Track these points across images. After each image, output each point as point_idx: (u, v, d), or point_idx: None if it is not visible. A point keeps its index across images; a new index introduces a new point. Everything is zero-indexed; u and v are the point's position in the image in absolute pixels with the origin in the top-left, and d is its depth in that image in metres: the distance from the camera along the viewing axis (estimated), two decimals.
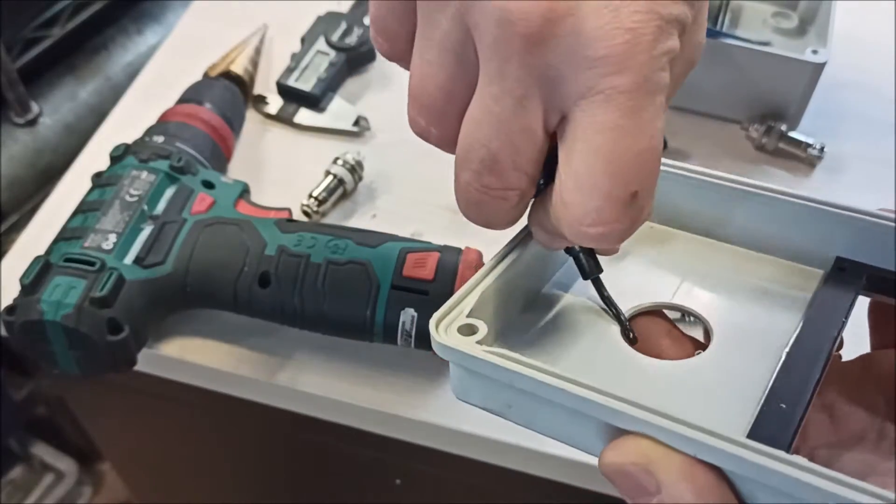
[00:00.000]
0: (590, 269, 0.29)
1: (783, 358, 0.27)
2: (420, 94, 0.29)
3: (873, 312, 0.30)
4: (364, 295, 0.43)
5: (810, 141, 0.58)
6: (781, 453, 0.21)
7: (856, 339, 0.30)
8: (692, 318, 0.31)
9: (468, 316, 0.27)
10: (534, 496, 0.52)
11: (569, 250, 0.30)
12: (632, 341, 0.29)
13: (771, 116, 0.59)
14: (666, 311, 0.31)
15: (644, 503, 0.22)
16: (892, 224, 0.29)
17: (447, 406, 0.47)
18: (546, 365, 0.24)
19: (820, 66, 0.56)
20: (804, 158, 0.58)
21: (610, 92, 0.22)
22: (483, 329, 0.26)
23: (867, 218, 0.29)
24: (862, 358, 0.30)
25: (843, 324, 0.28)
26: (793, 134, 0.58)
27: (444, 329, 0.26)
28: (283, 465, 0.65)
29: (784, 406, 0.25)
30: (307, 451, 0.60)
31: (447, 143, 0.29)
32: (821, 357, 0.26)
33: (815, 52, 0.56)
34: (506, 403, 0.26)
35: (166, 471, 0.75)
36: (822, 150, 0.58)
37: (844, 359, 0.30)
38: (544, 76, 0.23)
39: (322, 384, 0.48)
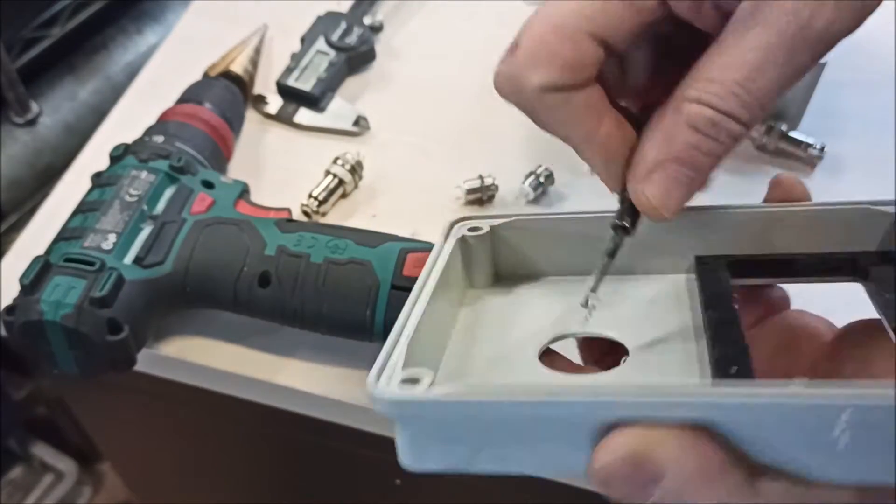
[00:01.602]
0: (629, 211, 0.29)
1: (707, 333, 0.27)
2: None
3: (742, 298, 0.31)
4: (364, 295, 0.43)
5: (810, 141, 0.58)
6: (783, 386, 0.20)
7: None
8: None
9: (405, 367, 0.25)
10: (534, 496, 0.52)
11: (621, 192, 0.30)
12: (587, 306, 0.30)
13: (771, 116, 0.59)
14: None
15: (649, 496, 0.21)
16: (730, 212, 0.30)
17: None
18: (509, 384, 0.23)
19: (820, 66, 0.56)
20: (804, 158, 0.58)
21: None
22: (428, 377, 0.24)
23: (707, 213, 0.30)
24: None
25: (735, 289, 0.29)
26: (793, 134, 0.58)
27: (384, 387, 0.24)
28: (282, 465, 0.65)
29: (737, 368, 0.24)
30: (307, 450, 0.60)
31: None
32: (735, 325, 0.26)
33: None
34: (473, 450, 0.23)
35: (166, 471, 0.75)
36: (822, 149, 0.58)
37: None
38: None
39: (322, 384, 0.48)
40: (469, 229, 0.34)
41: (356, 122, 0.61)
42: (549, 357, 0.30)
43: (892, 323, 0.26)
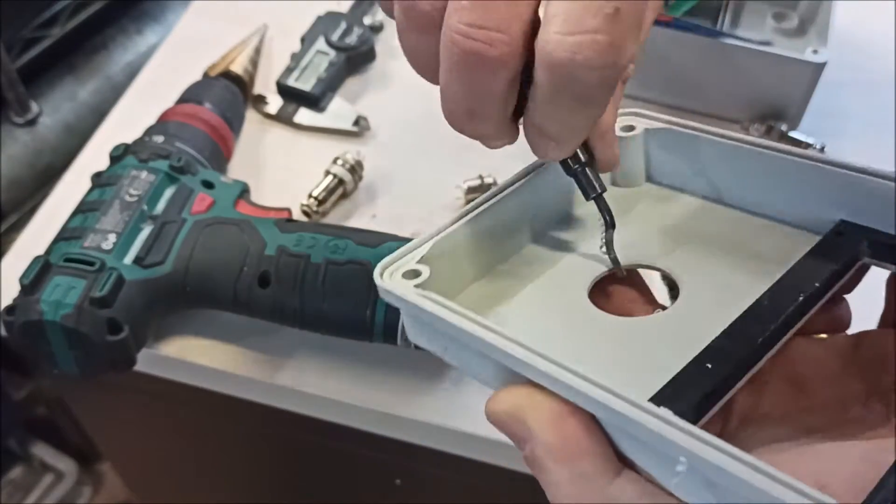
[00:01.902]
0: (592, 187, 0.29)
1: (733, 319, 0.26)
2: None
3: (891, 285, 0.28)
4: (364, 295, 0.43)
5: (810, 141, 0.58)
6: (642, 402, 0.21)
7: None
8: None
9: (418, 262, 0.27)
10: (534, 496, 0.52)
11: (568, 168, 0.29)
12: (621, 278, 0.30)
13: (771, 116, 0.59)
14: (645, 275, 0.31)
15: (522, 450, 0.23)
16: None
17: (447, 406, 0.47)
18: (454, 305, 0.25)
19: (820, 66, 0.56)
20: None
21: None
22: (425, 273, 0.27)
23: (873, 178, 0.27)
24: (857, 335, 0.28)
25: (817, 289, 0.26)
26: (793, 134, 0.58)
27: (390, 274, 0.27)
28: (282, 465, 0.65)
29: (710, 366, 0.24)
30: (307, 451, 0.60)
31: (513, 55, 0.24)
32: (775, 316, 0.25)
33: (815, 52, 0.56)
34: (442, 345, 0.27)
35: (166, 471, 0.75)
36: (822, 149, 0.58)
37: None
38: None
39: (322, 384, 0.48)
40: (623, 128, 0.33)
41: (356, 122, 0.61)
42: (606, 291, 0.30)
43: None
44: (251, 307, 0.45)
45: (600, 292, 0.30)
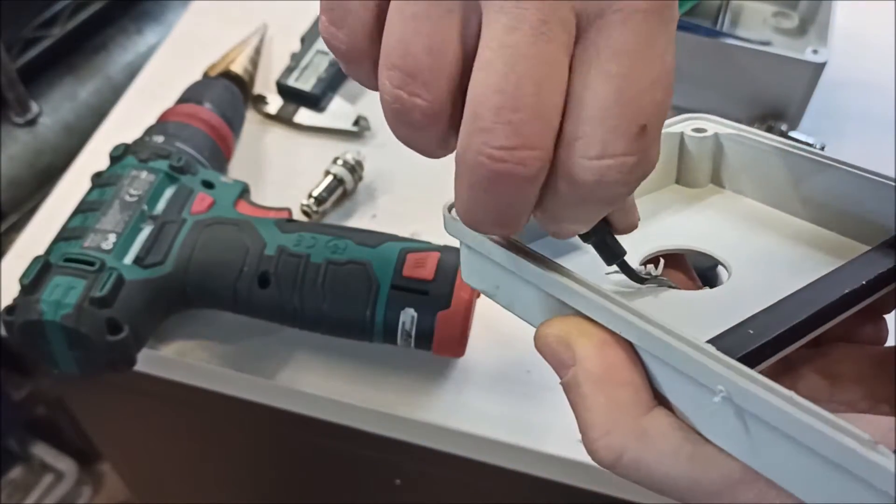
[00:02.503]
0: (613, 255, 0.28)
1: (778, 299, 0.26)
2: (403, 58, 0.23)
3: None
4: (364, 295, 0.43)
5: (811, 140, 0.58)
6: (683, 332, 0.21)
7: None
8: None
9: None
10: (534, 496, 0.52)
11: (586, 237, 0.28)
12: (669, 259, 0.31)
13: (771, 116, 0.59)
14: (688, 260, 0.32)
15: (563, 376, 0.24)
16: None
17: (447, 406, 0.47)
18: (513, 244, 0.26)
19: (820, 66, 0.56)
20: None
21: (628, 11, 0.20)
22: None
23: None
24: (894, 347, 0.29)
25: (863, 286, 0.27)
26: (793, 133, 0.58)
27: (453, 217, 0.29)
28: (282, 466, 0.65)
29: (751, 332, 0.24)
30: (307, 451, 0.60)
31: (437, 111, 0.24)
32: (816, 304, 0.26)
33: (815, 52, 0.56)
34: (494, 283, 0.28)
35: (166, 471, 0.75)
36: (822, 149, 0.58)
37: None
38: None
39: (322, 384, 0.48)
40: (694, 129, 0.34)
41: (356, 122, 0.61)
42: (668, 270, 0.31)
43: None
44: (251, 307, 0.45)
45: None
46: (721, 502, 0.21)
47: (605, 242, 0.28)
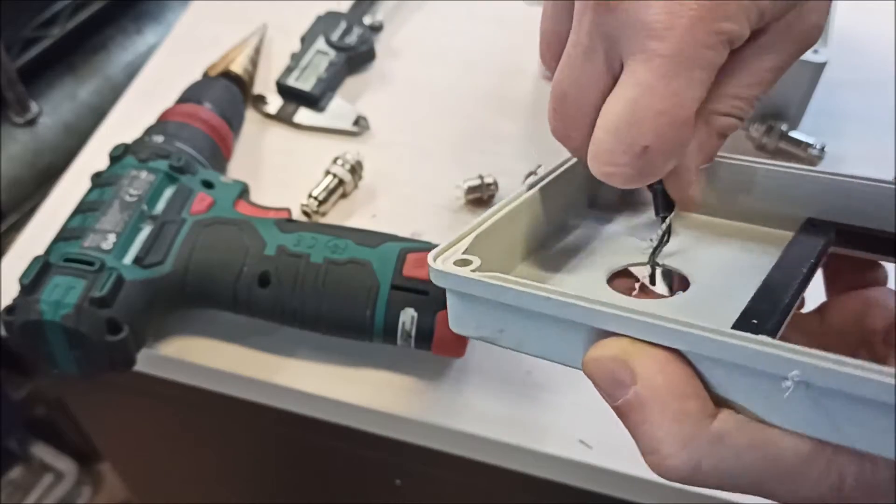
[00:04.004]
0: (663, 206, 0.31)
1: (756, 289, 0.28)
2: (554, 95, 0.31)
3: (828, 265, 0.33)
4: (364, 295, 0.43)
5: (811, 140, 0.58)
6: (742, 333, 0.22)
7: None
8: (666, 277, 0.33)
9: (464, 254, 0.29)
10: (534, 496, 0.52)
11: (650, 187, 0.32)
12: (651, 286, 0.32)
13: (771, 116, 0.59)
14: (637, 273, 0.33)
15: (621, 397, 0.24)
16: (862, 182, 0.31)
17: (447, 406, 0.47)
18: (521, 280, 0.26)
19: (820, 66, 0.56)
20: (805, 158, 0.58)
21: (650, 54, 0.26)
22: (476, 262, 0.28)
23: (835, 178, 0.31)
24: (818, 309, 0.32)
25: (813, 265, 0.30)
26: (793, 133, 0.58)
27: (442, 261, 0.29)
28: (282, 465, 0.65)
29: (756, 322, 0.26)
30: (307, 451, 0.60)
31: (584, 151, 0.29)
32: (792, 286, 0.28)
33: (815, 52, 0.56)
34: (497, 328, 0.28)
35: (166, 471, 0.75)
36: (822, 149, 0.58)
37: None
38: (608, 34, 0.27)
39: (322, 384, 0.48)
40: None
41: (356, 122, 0.61)
42: (621, 281, 0.33)
43: None
44: (251, 307, 0.45)
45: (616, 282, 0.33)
46: (797, 480, 0.22)
47: (660, 196, 0.31)
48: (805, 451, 0.22)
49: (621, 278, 0.33)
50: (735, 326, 0.26)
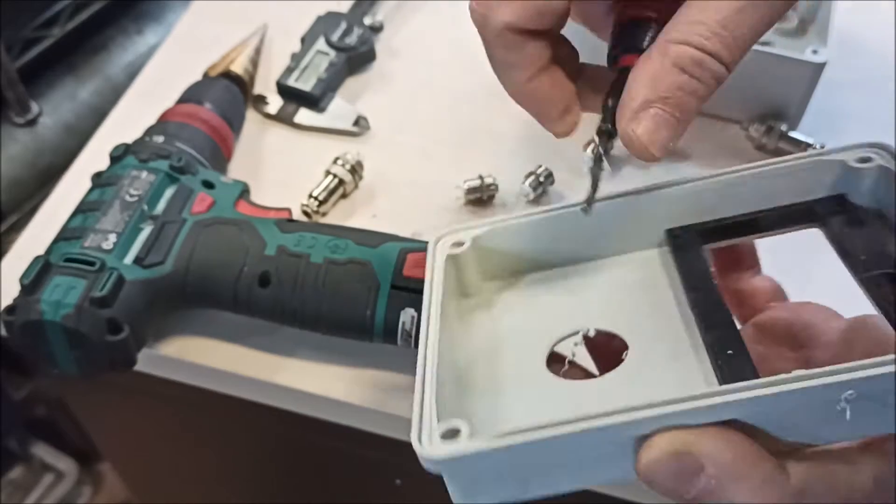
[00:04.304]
0: (606, 126, 0.31)
1: (693, 320, 0.29)
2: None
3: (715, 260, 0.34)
4: (364, 295, 0.43)
5: (810, 141, 0.58)
6: (786, 376, 0.23)
7: None
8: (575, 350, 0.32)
9: (440, 421, 0.26)
10: None
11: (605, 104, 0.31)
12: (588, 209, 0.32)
13: (771, 116, 0.59)
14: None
15: (693, 489, 0.23)
16: (698, 182, 0.32)
17: None
18: (547, 419, 0.24)
19: (820, 66, 0.56)
20: None
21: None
22: (465, 427, 0.26)
23: (678, 185, 0.33)
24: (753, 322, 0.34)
25: (711, 271, 0.31)
26: (793, 134, 0.58)
27: (429, 442, 0.27)
28: (282, 465, 0.65)
29: (731, 352, 0.27)
30: (307, 451, 0.60)
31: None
32: (720, 306, 0.29)
33: (815, 52, 0.56)
34: (523, 483, 0.25)
35: (166, 471, 0.75)
36: (822, 149, 0.58)
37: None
38: None
39: (322, 384, 0.48)
40: (453, 244, 0.35)
41: (356, 122, 0.61)
42: (554, 361, 0.32)
43: (847, 259, 0.30)
44: (251, 307, 0.45)
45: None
46: (874, 497, 0.23)
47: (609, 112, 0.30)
48: (875, 473, 0.23)
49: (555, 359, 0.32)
50: (717, 363, 0.27)
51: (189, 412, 0.59)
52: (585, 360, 0.33)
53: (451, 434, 0.25)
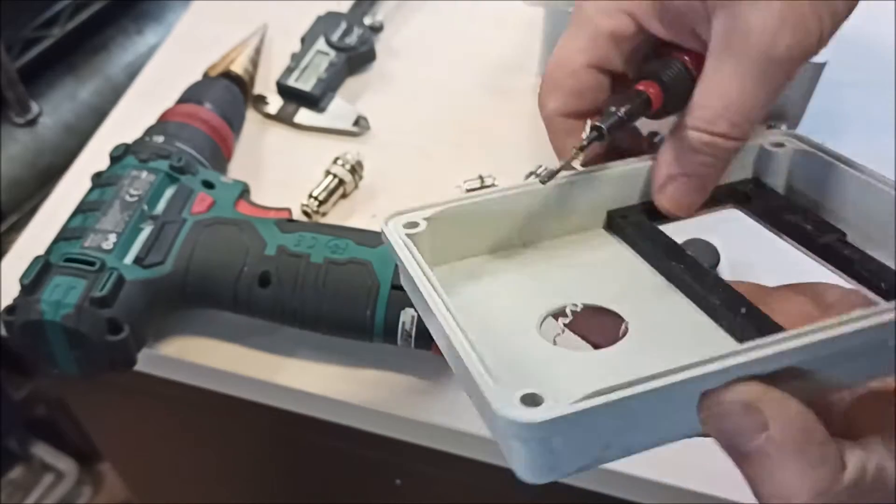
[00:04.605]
0: (607, 130, 0.32)
1: (680, 289, 0.30)
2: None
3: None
4: (364, 295, 0.43)
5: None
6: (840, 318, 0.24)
7: None
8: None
9: (510, 387, 0.24)
10: (534, 496, 0.52)
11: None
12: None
13: (771, 116, 0.59)
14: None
15: (749, 444, 0.23)
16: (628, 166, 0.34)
17: (447, 406, 0.47)
18: (639, 371, 0.23)
19: (820, 66, 0.56)
20: None
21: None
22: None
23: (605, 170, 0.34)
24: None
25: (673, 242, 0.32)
26: None
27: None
28: (283, 465, 0.65)
29: (744, 310, 0.28)
30: (307, 451, 0.60)
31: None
32: (706, 270, 0.30)
33: None
34: (603, 446, 0.24)
35: (166, 471, 0.75)
36: None
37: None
38: None
39: (322, 384, 0.48)
40: (406, 225, 0.34)
41: (356, 122, 0.61)
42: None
43: (772, 228, 0.33)
44: (251, 307, 0.45)
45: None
46: None
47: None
48: None
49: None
50: (735, 322, 0.27)
51: (189, 412, 0.59)
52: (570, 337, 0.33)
53: (532, 400, 0.23)
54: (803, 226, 0.32)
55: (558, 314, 0.31)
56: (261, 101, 0.62)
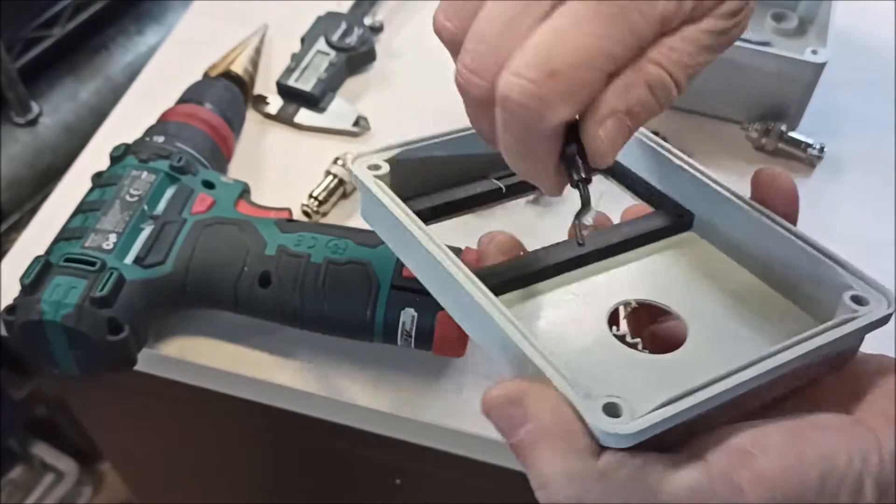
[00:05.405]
0: (579, 170, 0.30)
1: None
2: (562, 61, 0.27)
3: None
4: (364, 295, 0.43)
5: (810, 141, 0.58)
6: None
7: None
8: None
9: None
10: (534, 496, 0.52)
11: (565, 152, 0.30)
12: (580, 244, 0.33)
13: (771, 116, 0.59)
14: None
15: (515, 436, 0.25)
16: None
17: (447, 406, 0.47)
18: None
19: (820, 66, 0.56)
20: (804, 158, 0.58)
21: None
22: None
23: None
24: None
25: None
26: (793, 134, 0.58)
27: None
28: (283, 465, 0.65)
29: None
30: (307, 451, 0.60)
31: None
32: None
33: (815, 52, 0.56)
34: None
35: (166, 471, 0.75)
36: (821, 150, 0.58)
37: None
38: None
39: (322, 384, 0.48)
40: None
41: (356, 122, 0.61)
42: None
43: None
44: (251, 307, 0.45)
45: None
46: None
47: (574, 160, 0.30)
48: (689, 482, 0.23)
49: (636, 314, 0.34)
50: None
51: (189, 412, 0.59)
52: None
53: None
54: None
55: (614, 314, 0.32)
56: (261, 101, 0.62)
